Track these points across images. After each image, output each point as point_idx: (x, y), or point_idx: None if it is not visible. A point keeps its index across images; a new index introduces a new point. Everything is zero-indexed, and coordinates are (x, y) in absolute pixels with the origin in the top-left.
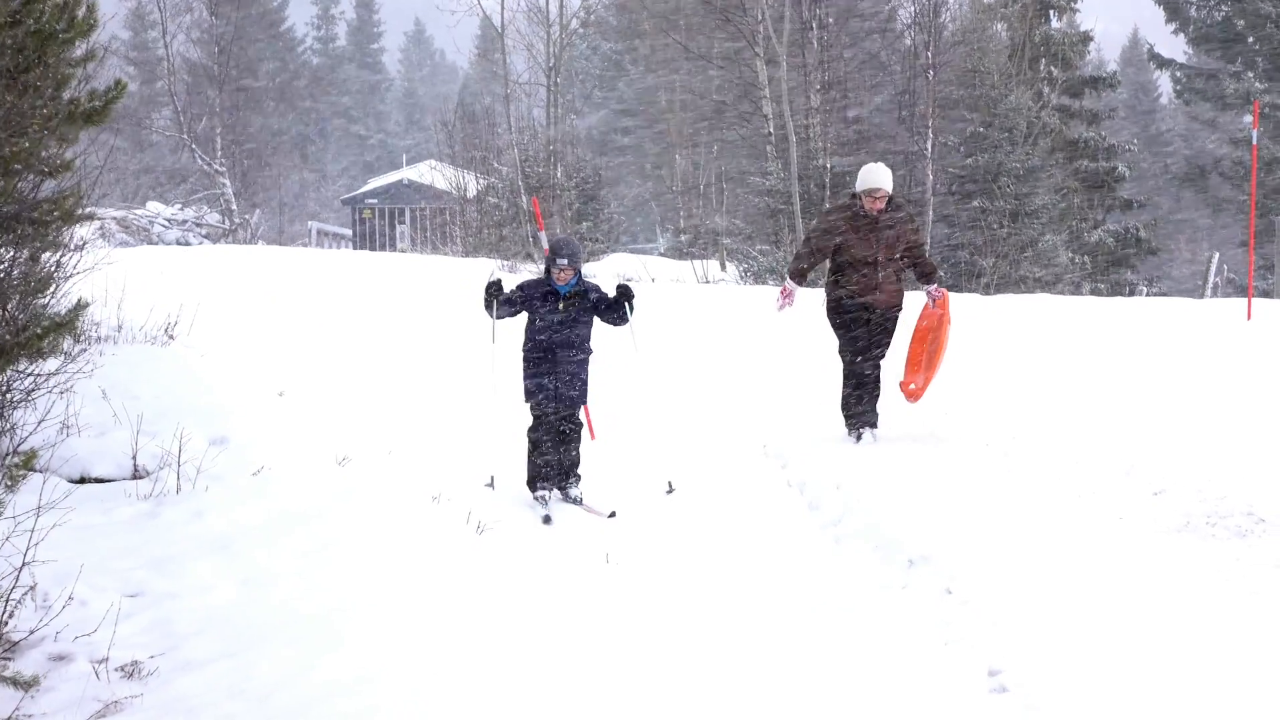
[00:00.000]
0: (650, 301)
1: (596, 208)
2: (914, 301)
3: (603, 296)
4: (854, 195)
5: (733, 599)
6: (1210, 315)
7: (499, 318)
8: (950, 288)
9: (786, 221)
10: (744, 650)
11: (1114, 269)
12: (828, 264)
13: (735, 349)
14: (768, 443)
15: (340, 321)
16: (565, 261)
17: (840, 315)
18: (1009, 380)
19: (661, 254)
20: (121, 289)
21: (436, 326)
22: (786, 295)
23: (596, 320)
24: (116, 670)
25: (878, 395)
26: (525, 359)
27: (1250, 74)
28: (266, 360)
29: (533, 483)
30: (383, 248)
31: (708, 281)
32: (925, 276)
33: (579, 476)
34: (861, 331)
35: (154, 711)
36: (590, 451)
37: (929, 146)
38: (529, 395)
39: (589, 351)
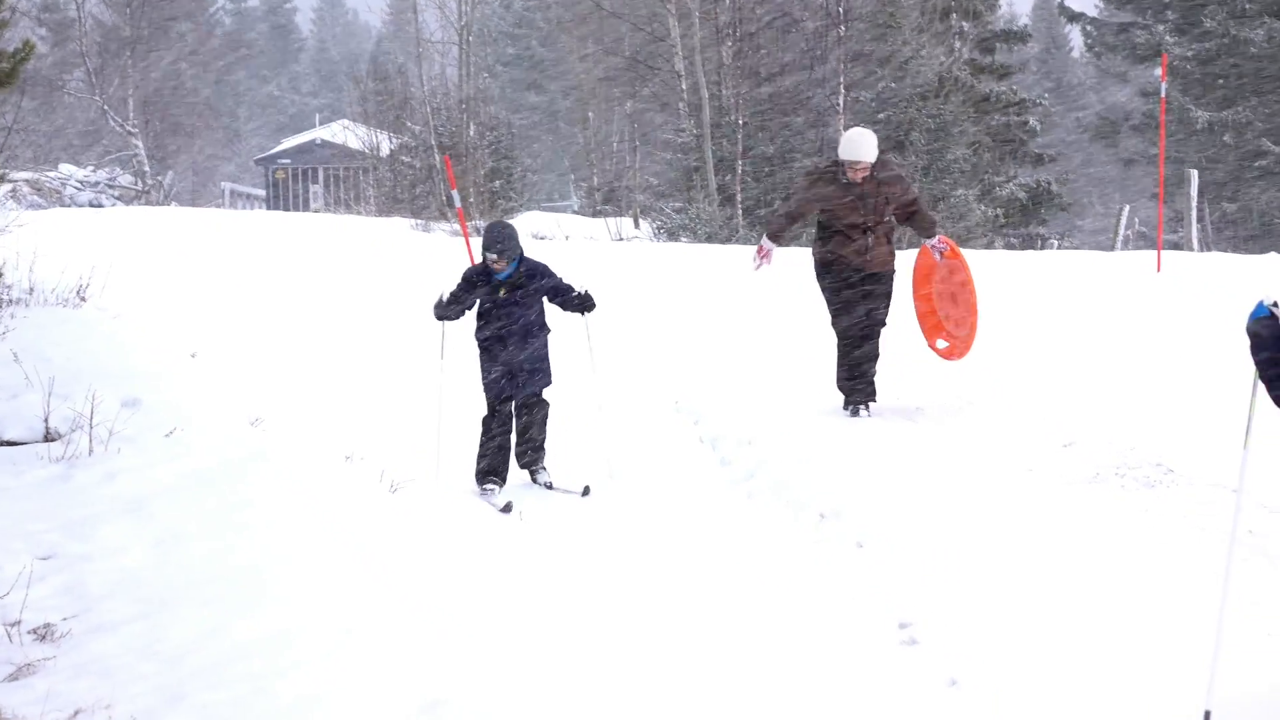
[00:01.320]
0: (563, 260)
1: (509, 166)
2: (907, 260)
3: (553, 283)
4: (836, 161)
5: (644, 554)
6: (1120, 268)
7: (451, 318)
8: None
9: (699, 178)
10: (654, 604)
11: (1026, 223)
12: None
13: (648, 306)
14: (680, 399)
15: (253, 283)
16: (494, 255)
17: (830, 278)
18: (917, 333)
19: (575, 212)
20: (33, 251)
21: (349, 287)
22: (764, 254)
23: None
24: (29, 633)
25: (875, 367)
26: (480, 348)
27: (1160, 26)
28: (179, 322)
29: (481, 476)
30: (296, 208)
31: (621, 239)
32: (925, 230)
33: (543, 456)
34: (853, 294)
35: (67, 673)
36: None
37: (840, 102)
38: (488, 386)
39: (547, 330)
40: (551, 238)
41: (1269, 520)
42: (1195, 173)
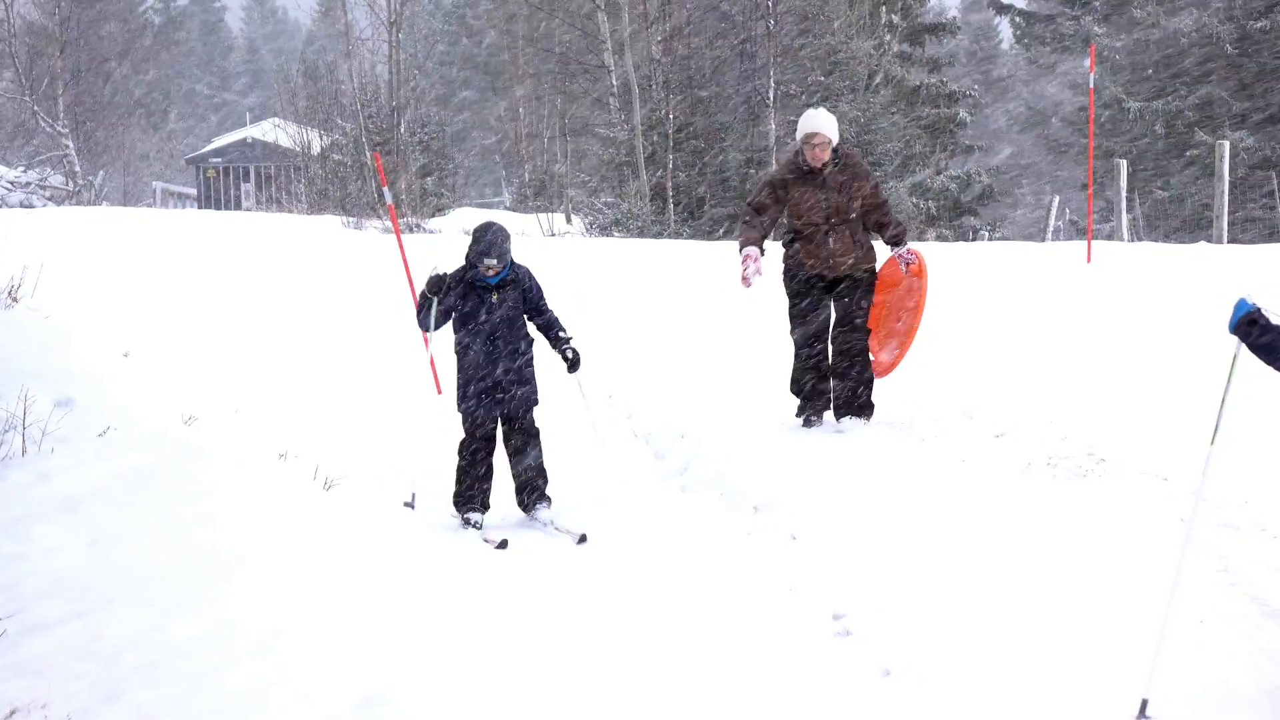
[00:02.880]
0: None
1: (441, 162)
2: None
3: (536, 296)
4: (796, 151)
5: (580, 548)
6: (1051, 258)
7: (435, 327)
8: None
9: (631, 173)
10: (589, 597)
11: (957, 215)
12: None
13: (580, 301)
14: (613, 393)
15: (186, 282)
16: (494, 262)
17: (791, 285)
18: None
19: (507, 207)
20: None
21: (281, 285)
22: (752, 260)
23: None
24: None
25: (827, 375)
26: (462, 365)
27: (1088, 17)
28: (113, 321)
29: (459, 501)
30: (228, 206)
31: (553, 234)
32: (894, 239)
33: (548, 499)
34: (807, 305)
35: (3, 674)
36: (441, 404)
37: (771, 96)
38: (469, 407)
39: (530, 341)
40: None
41: (1200, 509)
42: (1124, 163)
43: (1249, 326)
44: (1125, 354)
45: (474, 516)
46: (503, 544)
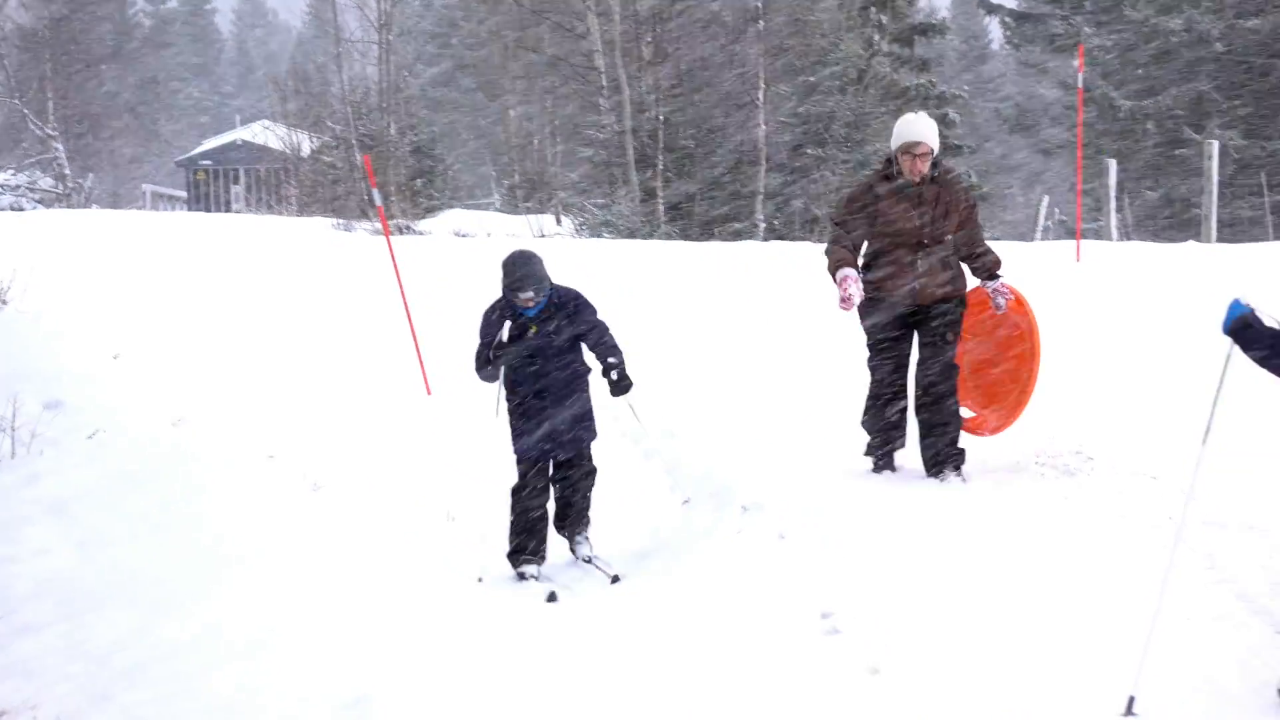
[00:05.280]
0: (488, 258)
1: (431, 164)
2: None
3: (592, 323)
4: (888, 160)
5: (566, 546)
6: (1040, 258)
7: (498, 374)
8: (782, 237)
9: (620, 174)
10: (577, 596)
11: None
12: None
13: None
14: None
15: (176, 284)
16: (530, 294)
17: (872, 314)
18: (838, 326)
19: (497, 209)
20: None
21: (271, 287)
22: (853, 280)
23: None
24: None
25: (904, 416)
26: (511, 409)
27: (1078, 17)
28: (102, 324)
29: (516, 556)
30: (217, 209)
31: (543, 235)
32: (986, 270)
33: (588, 520)
34: (890, 337)
35: None
36: (431, 405)
37: (761, 96)
38: (522, 451)
39: (586, 370)
40: (473, 235)
41: (1189, 507)
42: (1113, 162)
43: (1243, 329)
44: (1113, 353)
45: (530, 570)
46: (552, 597)
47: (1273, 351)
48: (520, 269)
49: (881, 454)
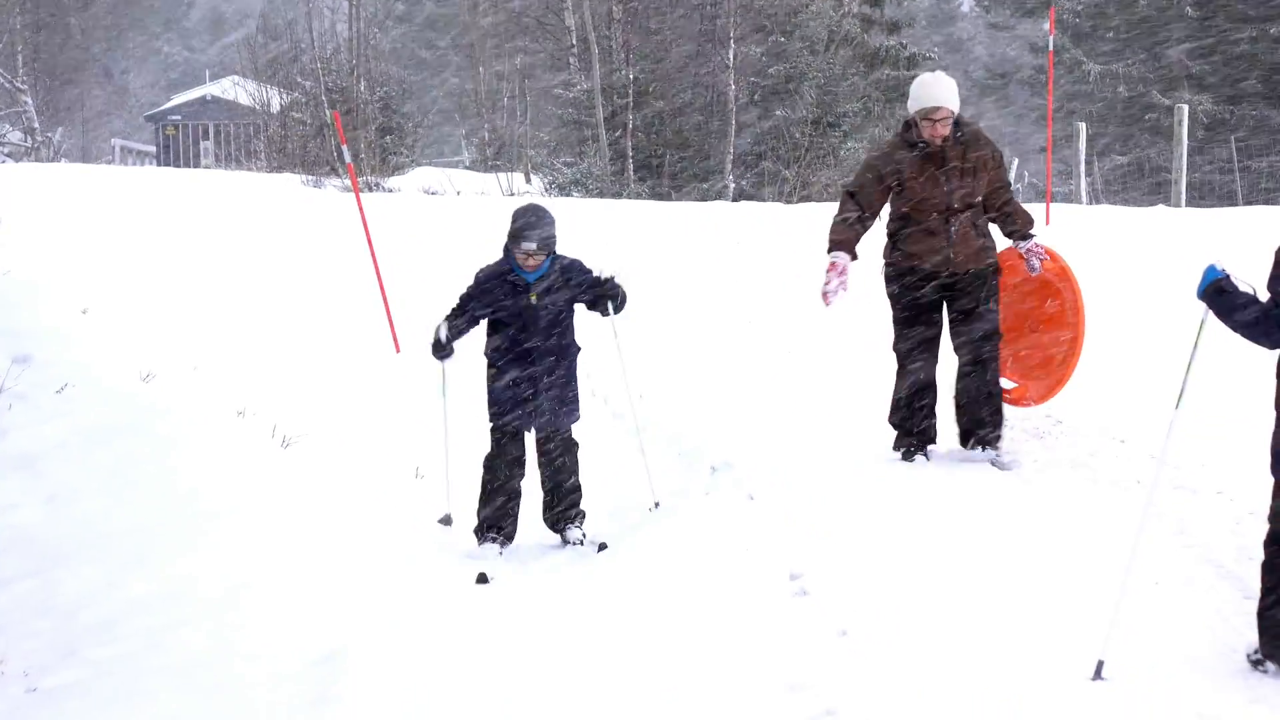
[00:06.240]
0: (457, 216)
1: (400, 121)
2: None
3: (589, 279)
4: (907, 124)
5: (538, 507)
6: None
7: (452, 339)
8: (752, 197)
9: (590, 132)
10: (547, 555)
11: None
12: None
13: None
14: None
15: (145, 240)
16: (533, 245)
17: (900, 290)
18: (806, 290)
19: (466, 167)
20: None
21: (241, 243)
22: (837, 272)
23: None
24: None
25: (935, 400)
26: (491, 365)
27: None
28: (71, 278)
29: (482, 529)
30: (187, 164)
31: (513, 194)
32: (1019, 231)
33: (583, 513)
34: (921, 312)
35: None
36: (400, 363)
37: (731, 56)
38: (496, 413)
39: (577, 349)
40: (443, 193)
41: (1160, 472)
42: (1084, 125)
43: (1217, 294)
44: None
45: (492, 549)
46: (481, 578)
47: (1245, 316)
48: (530, 217)
49: (913, 446)
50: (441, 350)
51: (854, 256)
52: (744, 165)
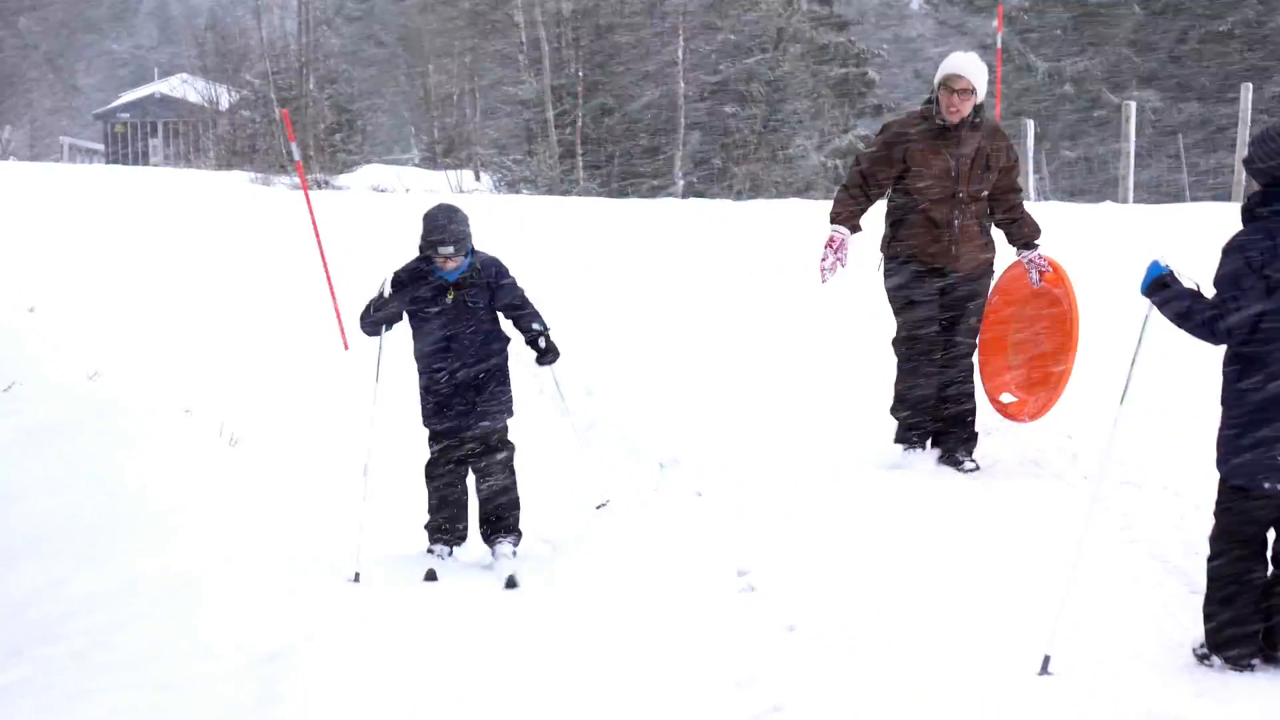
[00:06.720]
0: (406, 214)
1: (350, 119)
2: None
3: (513, 295)
4: (929, 99)
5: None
6: None
7: (381, 330)
8: (702, 194)
9: (540, 130)
10: (502, 553)
11: None
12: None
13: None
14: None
15: (92, 237)
16: (450, 250)
17: (900, 284)
18: (756, 283)
19: (416, 165)
20: None
21: (189, 240)
22: (834, 247)
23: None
24: None
25: (935, 394)
26: (421, 373)
27: None
28: (17, 276)
29: (432, 533)
30: (136, 162)
31: (462, 191)
32: (1023, 238)
33: (517, 533)
34: (921, 304)
35: None
36: (348, 360)
37: (680, 54)
38: (428, 414)
39: (505, 341)
40: (392, 190)
41: (1106, 467)
42: (1031, 122)
43: (1160, 289)
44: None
45: (440, 550)
46: (430, 575)
47: (1188, 312)
48: (442, 222)
49: (915, 438)
50: (380, 310)
51: (854, 229)
52: (694, 162)
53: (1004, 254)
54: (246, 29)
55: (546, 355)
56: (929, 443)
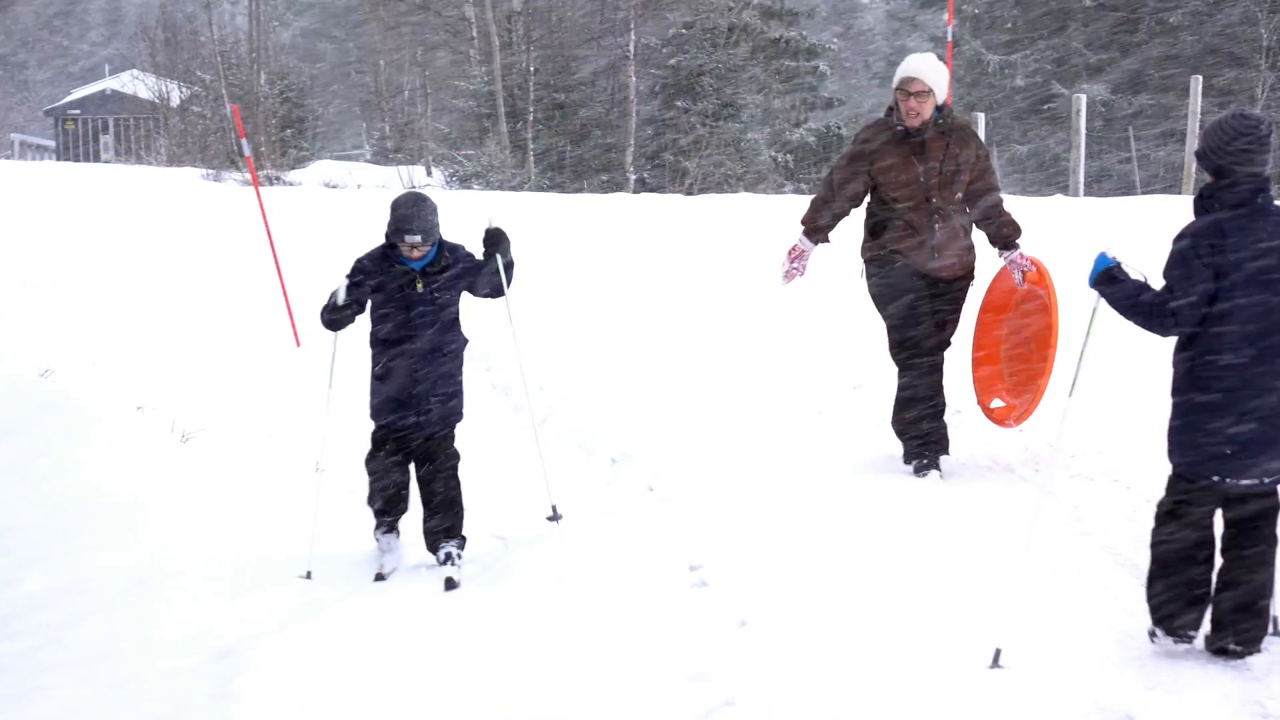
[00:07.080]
0: (358, 209)
1: (301, 115)
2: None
3: (473, 263)
4: (889, 108)
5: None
6: None
7: (345, 324)
8: (654, 189)
9: (491, 124)
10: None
11: (816, 167)
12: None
13: None
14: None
15: (43, 234)
16: (418, 238)
17: (884, 289)
18: (708, 278)
19: (367, 160)
20: None
21: (140, 236)
22: (794, 257)
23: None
24: None
25: (943, 408)
26: (375, 362)
27: None
28: None
29: (378, 517)
30: (87, 158)
31: (414, 187)
32: (1003, 239)
33: (461, 538)
34: (913, 308)
35: None
36: (300, 357)
37: (631, 49)
38: (377, 413)
39: (462, 341)
40: (344, 186)
41: (1056, 460)
42: (982, 115)
43: (1109, 282)
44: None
45: (384, 541)
46: (379, 577)
47: (1136, 303)
48: (409, 209)
49: (926, 459)
50: (337, 313)
51: (818, 241)
52: (645, 157)
53: (985, 255)
54: (197, 25)
55: (504, 273)
56: (940, 462)
